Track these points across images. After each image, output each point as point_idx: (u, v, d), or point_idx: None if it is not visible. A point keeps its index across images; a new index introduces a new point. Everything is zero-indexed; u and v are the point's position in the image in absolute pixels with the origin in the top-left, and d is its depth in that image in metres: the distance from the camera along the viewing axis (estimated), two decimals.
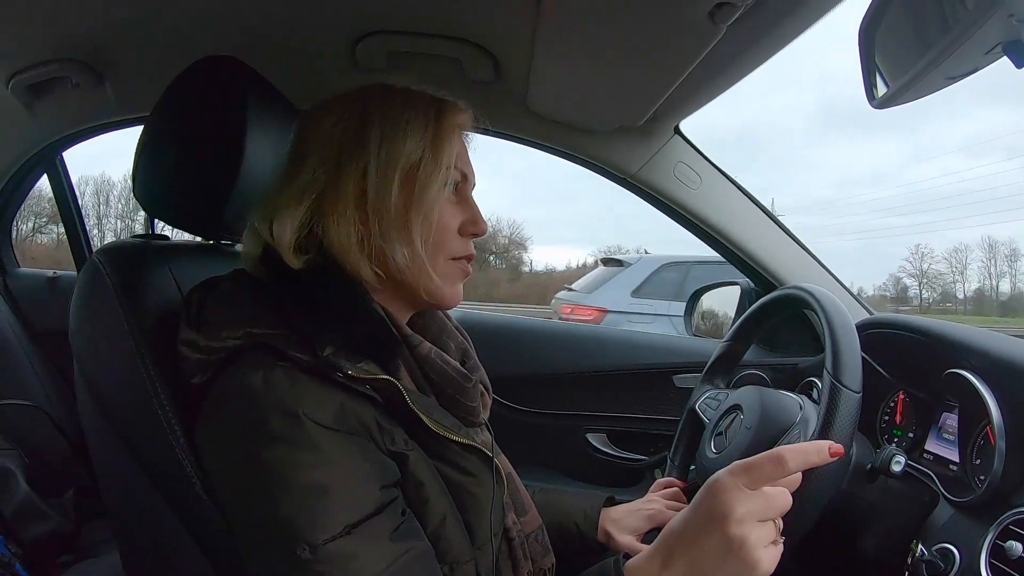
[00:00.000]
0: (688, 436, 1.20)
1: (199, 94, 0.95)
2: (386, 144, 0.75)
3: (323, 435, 0.67)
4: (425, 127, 0.77)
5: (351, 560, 0.64)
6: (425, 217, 0.76)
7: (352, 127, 0.77)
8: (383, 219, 0.75)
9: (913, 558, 0.87)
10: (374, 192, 0.74)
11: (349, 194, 0.75)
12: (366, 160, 0.75)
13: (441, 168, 0.77)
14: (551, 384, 1.74)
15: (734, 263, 1.59)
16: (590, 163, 1.54)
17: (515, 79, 1.30)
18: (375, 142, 0.75)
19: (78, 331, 0.89)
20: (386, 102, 0.78)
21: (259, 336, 0.71)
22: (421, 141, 0.76)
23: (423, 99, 0.80)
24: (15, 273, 2.13)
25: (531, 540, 0.90)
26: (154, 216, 1.05)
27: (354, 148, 0.75)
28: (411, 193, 0.75)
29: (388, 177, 0.74)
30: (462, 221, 0.81)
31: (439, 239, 0.78)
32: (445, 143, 0.78)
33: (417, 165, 0.76)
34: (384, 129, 0.76)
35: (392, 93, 0.80)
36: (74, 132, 1.81)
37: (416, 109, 0.78)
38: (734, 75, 1.18)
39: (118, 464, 0.87)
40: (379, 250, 0.75)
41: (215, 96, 0.94)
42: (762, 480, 0.64)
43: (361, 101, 0.79)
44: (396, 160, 0.75)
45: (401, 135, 0.76)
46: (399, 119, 0.77)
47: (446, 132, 0.78)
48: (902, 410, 1.10)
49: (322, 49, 1.30)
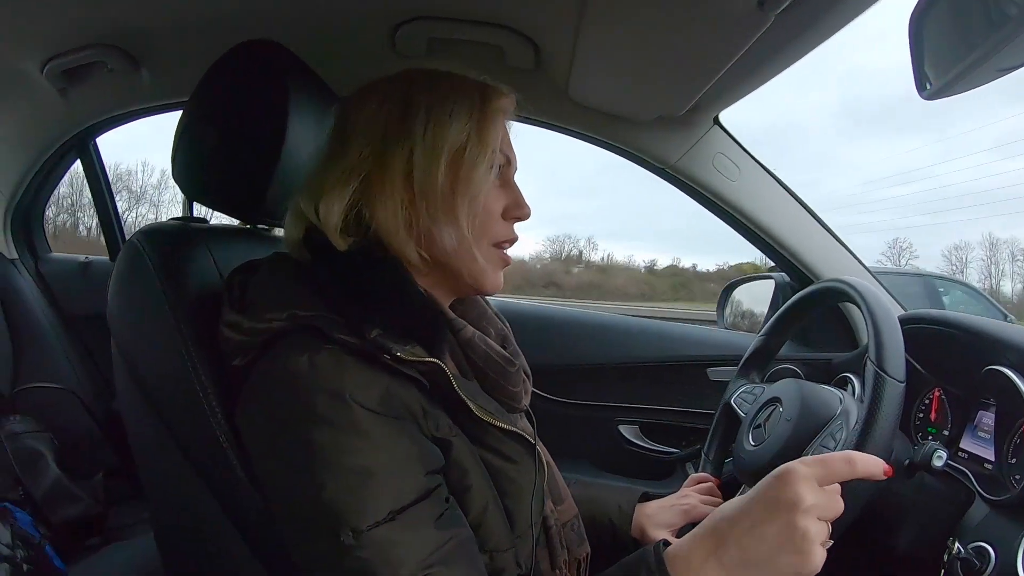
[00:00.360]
0: (723, 430, 1.19)
1: (240, 78, 0.94)
2: (432, 127, 0.75)
3: (369, 419, 0.66)
4: (471, 110, 0.77)
5: (395, 546, 0.63)
6: (472, 200, 0.75)
7: (397, 110, 0.76)
8: (430, 201, 0.74)
9: (949, 556, 0.85)
10: (421, 174, 0.74)
11: (396, 176, 0.74)
12: (412, 143, 0.74)
13: (487, 151, 0.76)
14: (583, 375, 1.73)
15: (771, 257, 1.58)
16: (629, 152, 1.53)
17: (556, 67, 1.29)
18: (421, 124, 0.75)
19: (117, 312, 0.90)
20: (431, 85, 0.78)
21: (304, 318, 0.70)
22: (467, 124, 0.76)
23: (468, 82, 0.80)
24: (47, 258, 2.14)
25: (567, 529, 0.89)
26: (194, 199, 1.06)
27: (400, 130, 0.75)
28: (457, 176, 0.75)
29: (434, 159, 0.74)
30: (506, 205, 0.81)
31: (484, 222, 0.78)
32: (491, 126, 0.77)
33: (463, 148, 0.75)
34: (430, 112, 0.75)
35: (437, 76, 0.80)
36: (108, 118, 1.82)
37: (461, 92, 0.78)
38: (778, 65, 1.16)
39: (156, 445, 0.87)
40: (426, 232, 0.75)
41: (256, 80, 0.94)
42: (833, 477, 0.64)
43: (406, 84, 0.78)
44: (442, 143, 0.74)
45: (447, 118, 0.75)
46: (445, 102, 0.76)
47: (491, 115, 0.78)
48: (937, 407, 1.09)
49: (362, 35, 1.30)
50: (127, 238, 0.94)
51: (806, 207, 1.52)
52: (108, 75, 1.54)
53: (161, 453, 0.86)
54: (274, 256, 0.81)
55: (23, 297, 1.98)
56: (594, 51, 1.16)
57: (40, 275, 2.09)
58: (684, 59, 1.12)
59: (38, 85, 1.61)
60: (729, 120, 1.46)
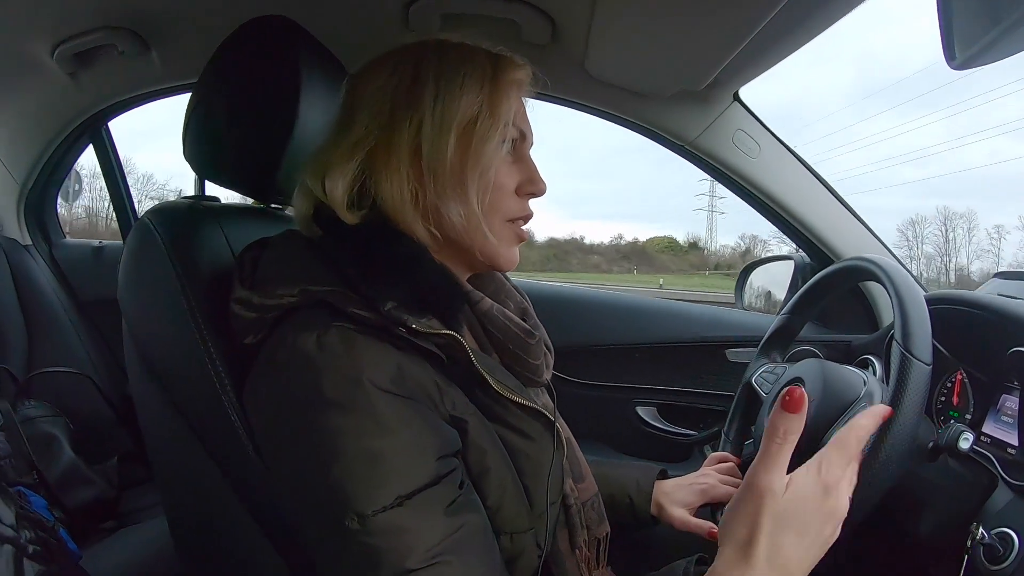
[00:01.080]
0: (744, 410, 1.17)
1: (251, 54, 0.93)
2: (442, 98, 0.72)
3: (381, 399, 0.64)
4: (482, 82, 0.74)
5: (402, 534, 0.61)
6: (482, 175, 0.73)
7: (406, 81, 0.74)
8: (438, 176, 0.72)
9: (972, 541, 0.84)
10: (429, 148, 0.72)
11: (403, 150, 0.72)
12: (421, 115, 0.72)
13: (499, 124, 0.74)
14: (601, 355, 1.72)
15: (790, 235, 1.56)
16: (647, 129, 1.51)
17: (573, 41, 1.27)
18: (430, 96, 0.72)
19: (128, 290, 0.89)
20: (441, 56, 0.75)
21: (316, 293, 0.69)
22: (478, 96, 0.73)
23: (480, 53, 0.77)
24: (61, 243, 2.15)
25: (587, 507, 0.88)
26: (205, 178, 1.05)
27: (408, 103, 0.73)
28: (467, 150, 0.72)
29: (444, 133, 0.72)
30: (520, 181, 0.78)
31: (496, 198, 0.75)
32: (503, 99, 0.75)
33: (474, 121, 0.73)
34: (440, 83, 0.73)
35: (447, 47, 0.77)
36: (119, 101, 1.82)
37: (473, 63, 0.75)
38: (798, 39, 1.14)
39: (166, 426, 0.87)
40: (434, 208, 0.73)
41: (267, 56, 0.92)
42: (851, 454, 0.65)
43: (415, 55, 0.76)
44: (452, 115, 0.72)
45: (458, 90, 0.73)
46: (455, 73, 0.73)
47: (504, 87, 0.75)
48: (959, 390, 1.07)
49: (374, 11, 1.28)
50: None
51: (826, 185, 1.50)
52: (119, 58, 1.54)
53: (172, 434, 0.86)
54: (286, 232, 0.79)
55: (37, 282, 1.99)
56: (611, 24, 1.13)
57: (54, 260, 2.10)
58: (703, 32, 1.10)
59: (49, 69, 1.61)
60: (748, 96, 1.44)
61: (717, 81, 1.29)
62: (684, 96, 1.41)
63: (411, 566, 0.60)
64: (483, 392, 0.74)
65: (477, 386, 0.73)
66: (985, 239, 29.91)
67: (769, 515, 0.59)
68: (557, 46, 1.30)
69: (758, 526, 0.59)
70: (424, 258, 0.73)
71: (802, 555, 0.60)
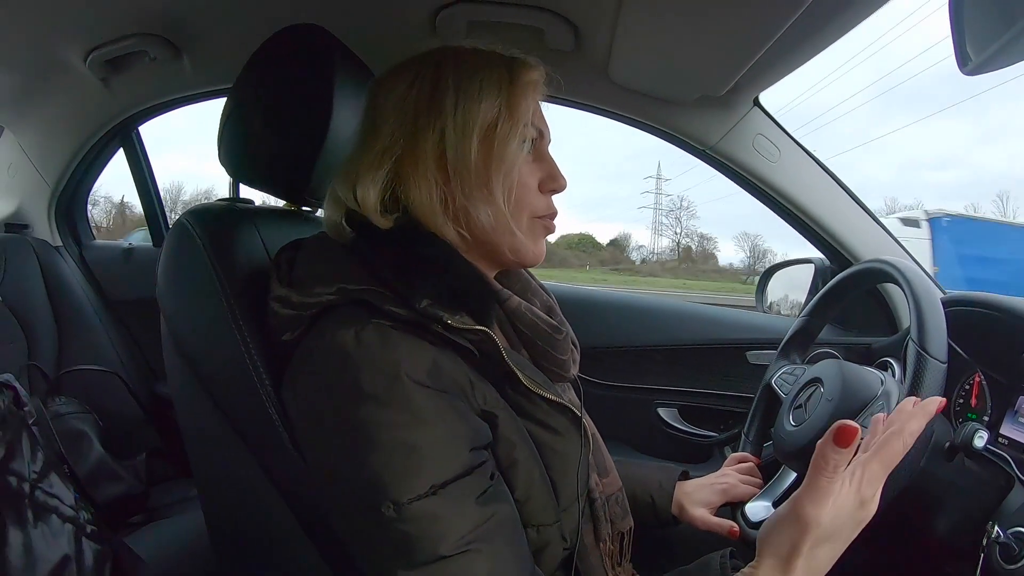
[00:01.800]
0: (763, 411, 1.18)
1: (285, 62, 0.95)
2: (462, 105, 0.75)
3: (417, 392, 0.66)
4: (499, 86, 0.76)
5: (435, 521, 0.64)
6: (506, 175, 0.75)
7: (427, 90, 0.76)
8: (464, 180, 0.74)
9: (988, 540, 0.84)
10: (453, 153, 0.74)
11: (428, 157, 0.74)
12: (443, 122, 0.74)
13: (518, 125, 0.76)
14: (622, 356, 1.73)
15: (811, 239, 1.56)
16: (669, 134, 1.52)
17: (596, 48, 1.29)
18: (451, 104, 0.75)
19: (167, 289, 0.91)
20: (459, 63, 0.78)
21: (353, 292, 0.71)
22: (497, 99, 0.76)
23: (496, 58, 0.80)
24: (91, 245, 2.19)
25: (612, 502, 0.89)
26: (240, 181, 1.07)
27: (430, 111, 0.75)
28: (490, 152, 0.75)
29: (466, 138, 0.74)
30: (541, 178, 0.81)
31: (520, 197, 0.78)
32: (520, 100, 0.77)
33: (494, 124, 0.75)
34: (459, 90, 0.75)
35: (463, 54, 0.80)
36: (150, 106, 1.86)
37: (489, 68, 0.77)
38: (818, 44, 1.15)
39: (206, 422, 0.89)
40: (463, 211, 0.75)
41: (301, 63, 0.94)
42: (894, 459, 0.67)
43: (433, 64, 0.78)
44: (473, 120, 0.74)
45: (476, 95, 0.75)
46: (473, 79, 0.76)
47: (521, 89, 0.77)
48: (977, 392, 1.07)
49: (403, 18, 1.30)
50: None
51: (846, 189, 1.51)
52: (150, 64, 1.57)
53: (211, 429, 0.88)
54: (321, 234, 0.82)
55: (67, 282, 2.03)
56: (635, 31, 1.15)
57: (84, 261, 2.14)
58: (725, 38, 1.11)
59: (81, 75, 1.65)
60: (767, 101, 1.44)
61: (737, 86, 1.31)
62: (705, 101, 1.42)
63: (444, 552, 0.63)
64: (513, 388, 0.76)
65: (507, 382, 0.75)
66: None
67: (811, 540, 0.64)
68: (581, 53, 1.32)
69: (799, 547, 0.64)
70: (456, 258, 0.75)
71: (832, 556, 0.66)
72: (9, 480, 0.56)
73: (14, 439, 0.59)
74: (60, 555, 0.57)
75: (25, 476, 0.59)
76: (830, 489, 0.64)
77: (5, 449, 0.57)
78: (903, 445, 0.67)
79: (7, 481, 0.56)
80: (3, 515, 0.54)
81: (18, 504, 0.56)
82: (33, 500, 0.58)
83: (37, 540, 0.56)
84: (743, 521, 1.00)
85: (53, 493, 0.60)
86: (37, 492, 0.59)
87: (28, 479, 0.59)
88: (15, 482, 0.57)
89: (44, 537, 0.57)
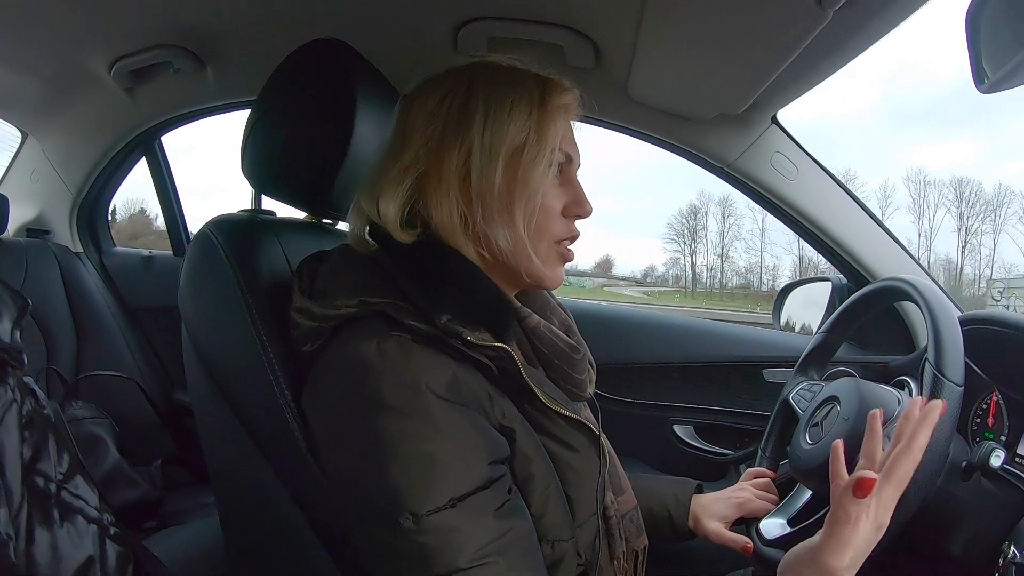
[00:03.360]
0: (780, 428, 1.18)
1: (308, 76, 0.96)
2: (490, 126, 0.74)
3: (438, 405, 0.67)
4: (530, 109, 0.76)
5: (453, 533, 0.64)
6: (528, 200, 0.75)
7: (456, 107, 0.76)
8: (486, 202, 0.74)
9: (1004, 560, 0.84)
10: (477, 174, 0.74)
11: (452, 175, 0.74)
12: (470, 142, 0.74)
13: (545, 151, 0.75)
14: (639, 373, 1.72)
15: (828, 257, 1.55)
16: (687, 152, 1.52)
17: (616, 65, 1.30)
18: (479, 124, 0.74)
19: (189, 298, 0.92)
20: (491, 81, 0.77)
21: (374, 305, 0.72)
22: (526, 123, 0.75)
23: (528, 79, 0.79)
24: (111, 252, 2.22)
25: (626, 520, 0.89)
26: (262, 193, 1.08)
27: (458, 129, 0.75)
28: (515, 176, 0.74)
29: (492, 160, 0.74)
30: (566, 203, 0.80)
31: (542, 222, 0.77)
32: (550, 125, 0.76)
33: (521, 148, 0.75)
34: (488, 111, 0.75)
35: (498, 72, 0.79)
36: (173, 117, 1.88)
37: (521, 91, 0.77)
38: (835, 63, 1.15)
39: (225, 431, 0.89)
40: (483, 232, 0.75)
41: (325, 77, 0.95)
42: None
43: (467, 80, 0.78)
44: (500, 142, 0.74)
45: (506, 117, 0.75)
46: (504, 101, 0.75)
47: (551, 114, 0.77)
48: (995, 411, 1.06)
49: (424, 34, 1.32)
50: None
51: (864, 207, 1.50)
52: (174, 75, 1.59)
53: (229, 437, 0.88)
54: (343, 247, 0.82)
55: (87, 289, 2.05)
56: (654, 49, 1.16)
57: (104, 268, 2.17)
58: (743, 56, 1.11)
59: (106, 85, 1.68)
60: (785, 119, 1.45)
61: (756, 104, 1.31)
62: (723, 119, 1.42)
63: (461, 565, 0.63)
64: (530, 404, 0.76)
65: (525, 398, 0.76)
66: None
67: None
68: (600, 70, 1.33)
69: None
70: (477, 275, 0.75)
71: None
72: (36, 480, 0.57)
73: (41, 440, 0.60)
74: (85, 556, 0.58)
75: (52, 477, 0.60)
76: (852, 539, 0.65)
77: (32, 450, 0.58)
78: (913, 461, 0.68)
79: (34, 481, 0.57)
80: (31, 515, 0.55)
81: (45, 504, 0.57)
82: (59, 500, 0.59)
83: (63, 540, 0.57)
84: (757, 537, 1.00)
85: (78, 494, 0.61)
86: (63, 493, 0.60)
87: (55, 479, 0.60)
88: (42, 482, 0.58)
89: (70, 537, 0.58)
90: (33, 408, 0.60)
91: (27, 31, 1.46)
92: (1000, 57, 0.74)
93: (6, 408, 0.55)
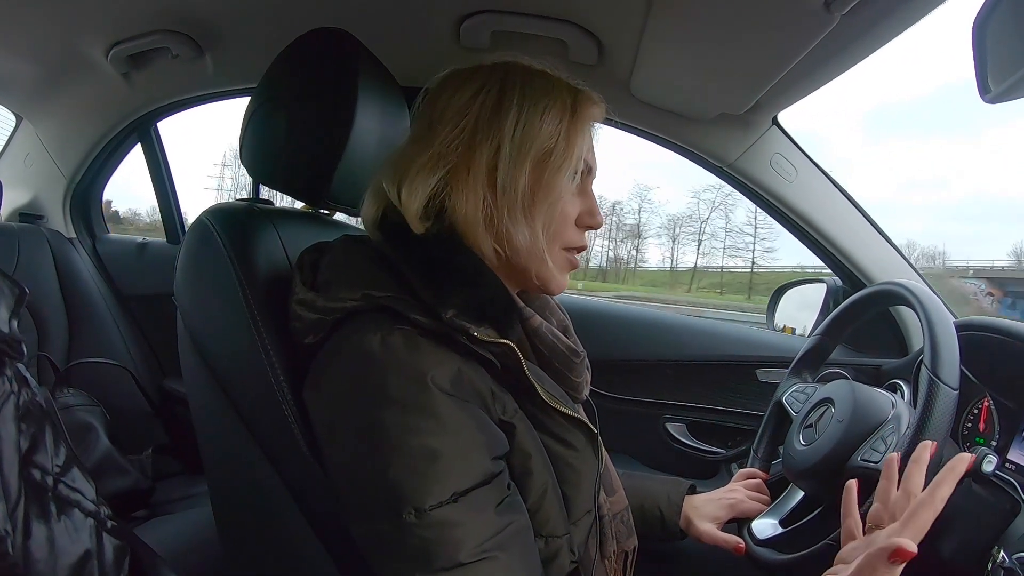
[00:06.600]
0: (773, 428, 1.18)
1: (309, 65, 0.96)
2: (523, 126, 0.75)
3: (442, 400, 0.67)
4: (562, 116, 0.77)
5: (455, 528, 0.64)
6: (551, 204, 0.76)
7: (491, 103, 0.76)
8: (511, 200, 0.75)
9: (993, 564, 0.84)
10: (504, 172, 0.74)
11: (481, 171, 0.75)
12: (500, 139, 0.75)
13: (572, 158, 0.77)
14: (632, 370, 1.73)
15: (825, 259, 1.57)
16: (687, 151, 1.53)
17: (619, 63, 1.30)
18: (512, 122, 0.75)
19: (185, 287, 0.91)
20: (526, 84, 0.78)
21: (378, 298, 0.71)
22: (557, 129, 0.76)
23: (562, 87, 0.80)
24: (105, 239, 2.20)
25: (617, 521, 0.90)
26: (261, 182, 1.07)
27: (491, 125, 0.75)
28: (540, 178, 0.75)
29: (520, 160, 0.75)
30: (581, 212, 0.81)
31: (559, 227, 0.78)
32: (579, 134, 0.78)
33: (550, 152, 0.76)
34: (522, 112, 0.76)
35: (532, 76, 0.80)
36: (170, 103, 1.87)
37: (555, 96, 0.78)
38: (839, 66, 1.15)
39: (220, 420, 0.89)
40: (505, 230, 0.75)
41: (326, 66, 0.95)
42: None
43: (500, 78, 0.78)
44: (530, 144, 0.75)
45: (538, 119, 0.76)
46: (538, 103, 0.76)
47: (581, 122, 0.78)
48: (986, 416, 1.07)
49: (427, 26, 1.31)
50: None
51: (861, 210, 1.51)
52: (172, 61, 1.58)
53: (224, 427, 0.88)
54: (346, 237, 0.82)
55: (80, 275, 2.04)
56: (658, 48, 1.16)
57: (97, 254, 2.15)
58: (748, 57, 1.12)
59: (102, 69, 1.66)
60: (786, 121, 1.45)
61: (758, 105, 1.31)
62: (724, 119, 1.43)
63: (462, 559, 0.64)
64: (531, 401, 0.76)
65: (526, 395, 0.76)
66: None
67: None
68: (603, 67, 1.33)
69: None
70: (485, 271, 0.75)
71: None
72: (33, 473, 0.57)
73: (37, 432, 0.59)
74: (82, 550, 0.57)
75: (48, 469, 0.59)
76: None
77: (30, 441, 0.57)
78: (934, 512, 0.68)
79: (31, 474, 0.56)
80: (27, 508, 0.54)
81: (42, 497, 0.56)
82: (56, 494, 0.58)
83: (60, 534, 0.56)
84: (749, 538, 1.00)
85: (75, 487, 0.60)
86: (60, 486, 0.59)
87: (51, 472, 0.59)
88: (39, 475, 0.57)
89: (67, 531, 0.57)
90: (29, 398, 0.59)
91: (24, 13, 1.45)
92: (1006, 67, 0.74)
93: (4, 400, 0.55)
